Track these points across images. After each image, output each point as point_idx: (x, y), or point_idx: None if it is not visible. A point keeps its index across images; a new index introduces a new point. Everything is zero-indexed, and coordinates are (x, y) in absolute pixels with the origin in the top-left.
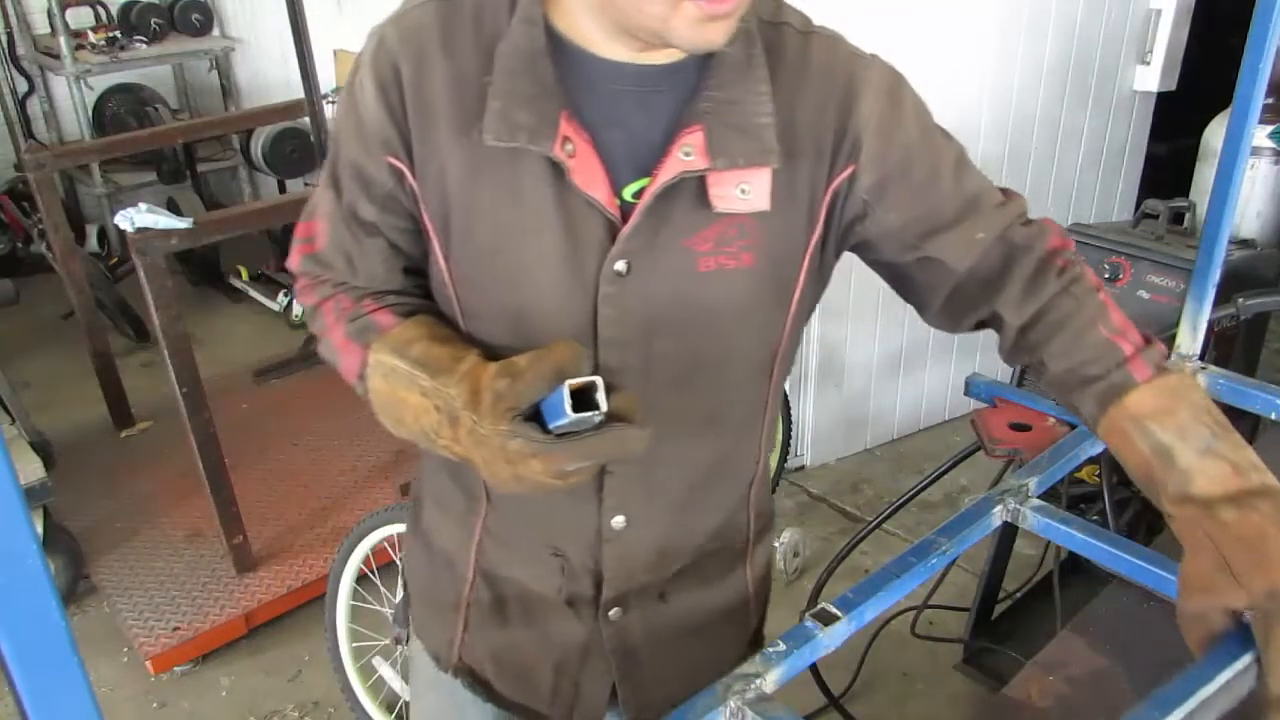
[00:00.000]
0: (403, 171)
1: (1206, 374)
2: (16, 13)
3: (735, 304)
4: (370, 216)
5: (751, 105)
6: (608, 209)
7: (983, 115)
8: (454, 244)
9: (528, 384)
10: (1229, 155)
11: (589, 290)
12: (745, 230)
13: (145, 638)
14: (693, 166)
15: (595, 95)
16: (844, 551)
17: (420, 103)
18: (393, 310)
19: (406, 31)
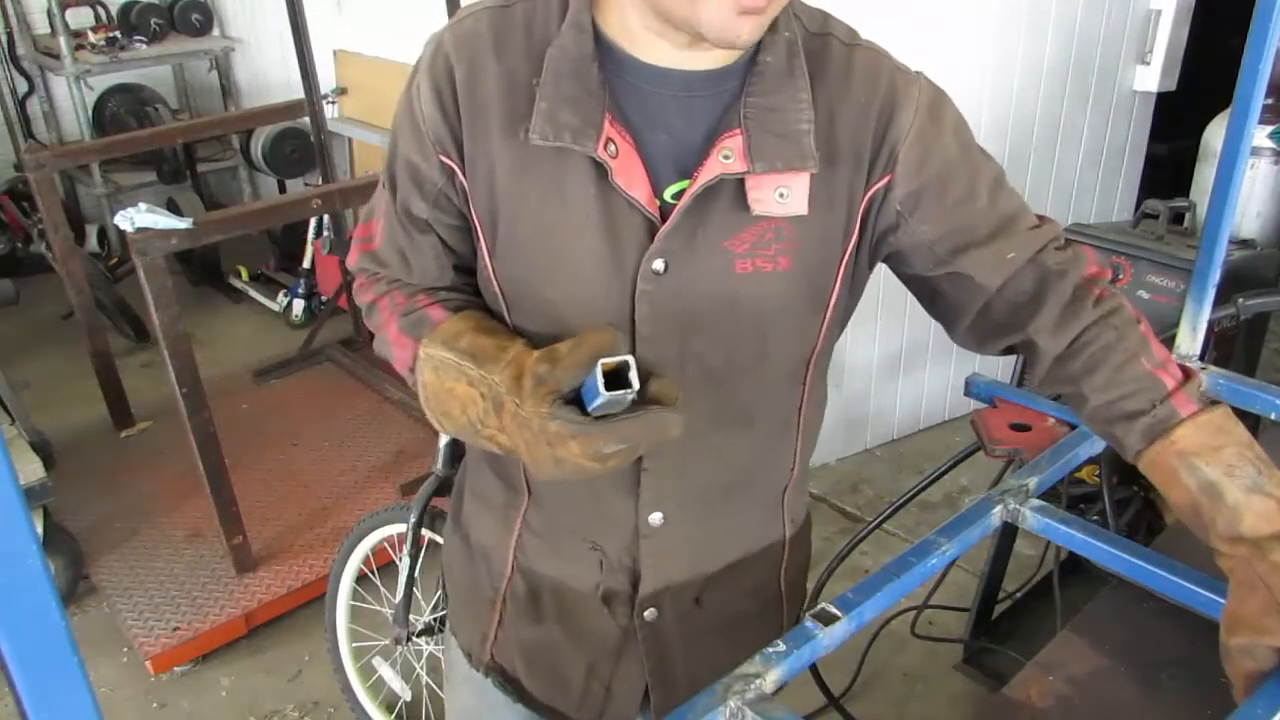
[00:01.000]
0: (454, 169)
1: (1206, 374)
2: (16, 13)
3: (770, 306)
4: (423, 213)
5: (792, 112)
6: (647, 209)
7: (983, 115)
8: (500, 240)
9: (566, 368)
10: (1229, 155)
11: (627, 287)
12: (782, 234)
13: (145, 638)
14: (731, 169)
15: (639, 98)
16: (844, 551)
17: (472, 104)
18: (444, 305)
19: (461, 37)
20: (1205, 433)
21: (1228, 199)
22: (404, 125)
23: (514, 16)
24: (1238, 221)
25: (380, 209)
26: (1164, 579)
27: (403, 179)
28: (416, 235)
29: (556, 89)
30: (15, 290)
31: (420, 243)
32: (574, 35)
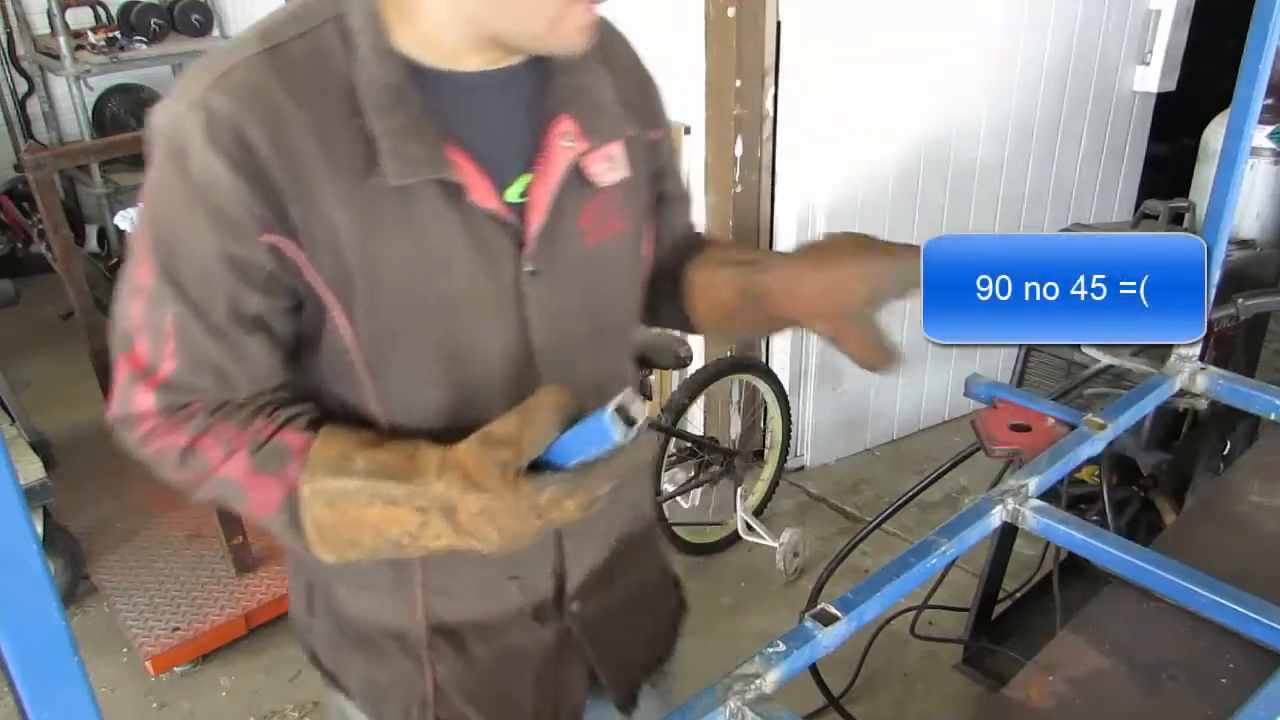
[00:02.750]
0: (279, 247)
1: (1206, 374)
2: (16, 13)
3: (621, 270)
4: (257, 308)
5: (597, 87)
6: (504, 216)
7: (982, 116)
8: (359, 301)
9: (531, 443)
10: (1229, 155)
11: (511, 301)
12: (614, 199)
13: (145, 638)
14: (578, 150)
15: (458, 110)
16: (844, 552)
17: (287, 164)
18: (294, 427)
19: (242, 92)
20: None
21: (1227, 199)
22: (194, 219)
23: (293, 57)
24: (1237, 221)
25: (158, 329)
26: (1164, 579)
27: (218, 279)
28: (243, 339)
29: (388, 123)
30: (15, 290)
31: (247, 346)
32: (381, 62)
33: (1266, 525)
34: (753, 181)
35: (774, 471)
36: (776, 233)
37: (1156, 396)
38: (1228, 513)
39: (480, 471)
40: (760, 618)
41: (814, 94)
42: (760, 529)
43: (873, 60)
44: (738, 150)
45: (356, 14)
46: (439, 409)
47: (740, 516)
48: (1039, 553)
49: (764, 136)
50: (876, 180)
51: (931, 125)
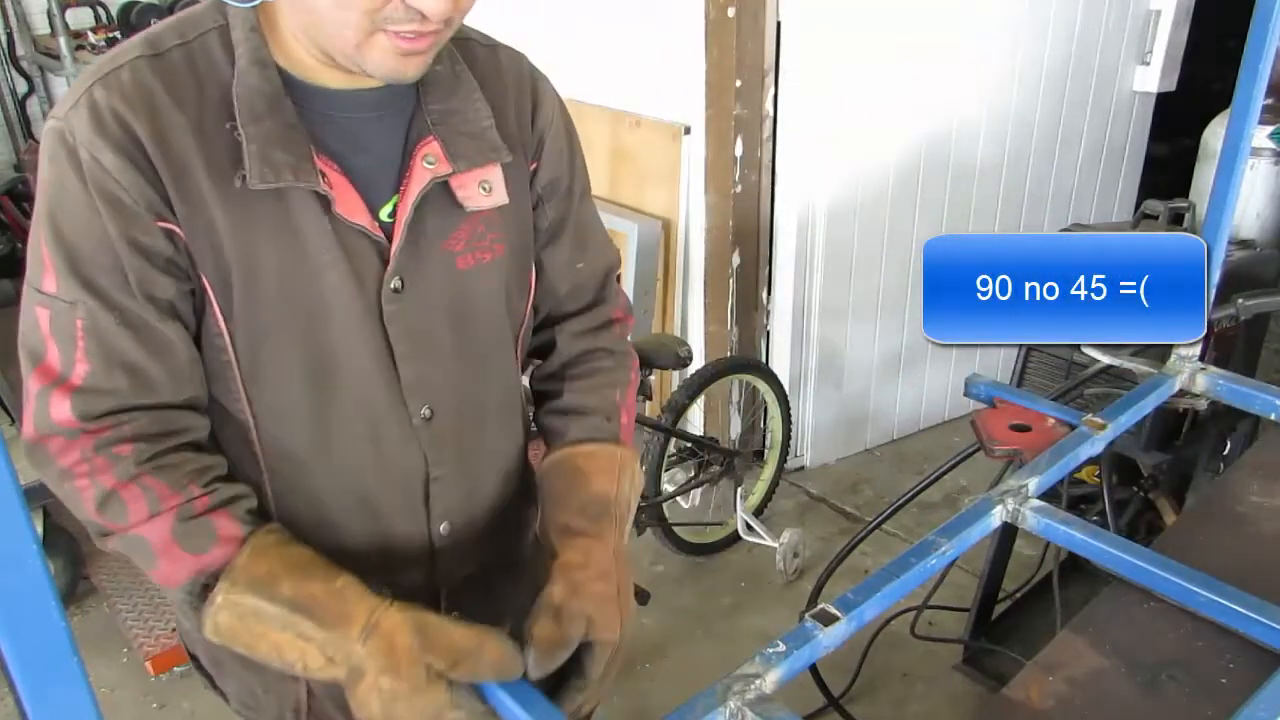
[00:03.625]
0: (175, 232)
1: (1206, 374)
2: (16, 13)
3: (494, 294)
4: (165, 292)
5: (471, 112)
6: (372, 232)
7: (982, 116)
8: (237, 300)
9: (469, 670)
10: (1229, 155)
11: (374, 313)
12: (492, 224)
13: (145, 638)
14: (438, 172)
15: (332, 125)
16: (844, 552)
17: (168, 159)
18: (230, 512)
19: (126, 90)
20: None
21: (1227, 199)
22: (92, 211)
23: (173, 63)
24: (1237, 222)
25: (65, 335)
26: (1164, 579)
27: (125, 265)
28: (160, 328)
29: (259, 130)
30: (15, 290)
31: (164, 334)
32: (258, 72)
33: (1266, 525)
34: (753, 181)
35: (774, 471)
36: (776, 232)
37: (1156, 396)
38: (1228, 513)
39: (407, 661)
40: (760, 618)
41: (814, 94)
42: (760, 529)
43: (873, 60)
44: (738, 150)
45: (238, 26)
46: (305, 414)
47: (740, 516)
48: (1039, 553)
49: (764, 136)
50: (876, 180)
51: (931, 125)
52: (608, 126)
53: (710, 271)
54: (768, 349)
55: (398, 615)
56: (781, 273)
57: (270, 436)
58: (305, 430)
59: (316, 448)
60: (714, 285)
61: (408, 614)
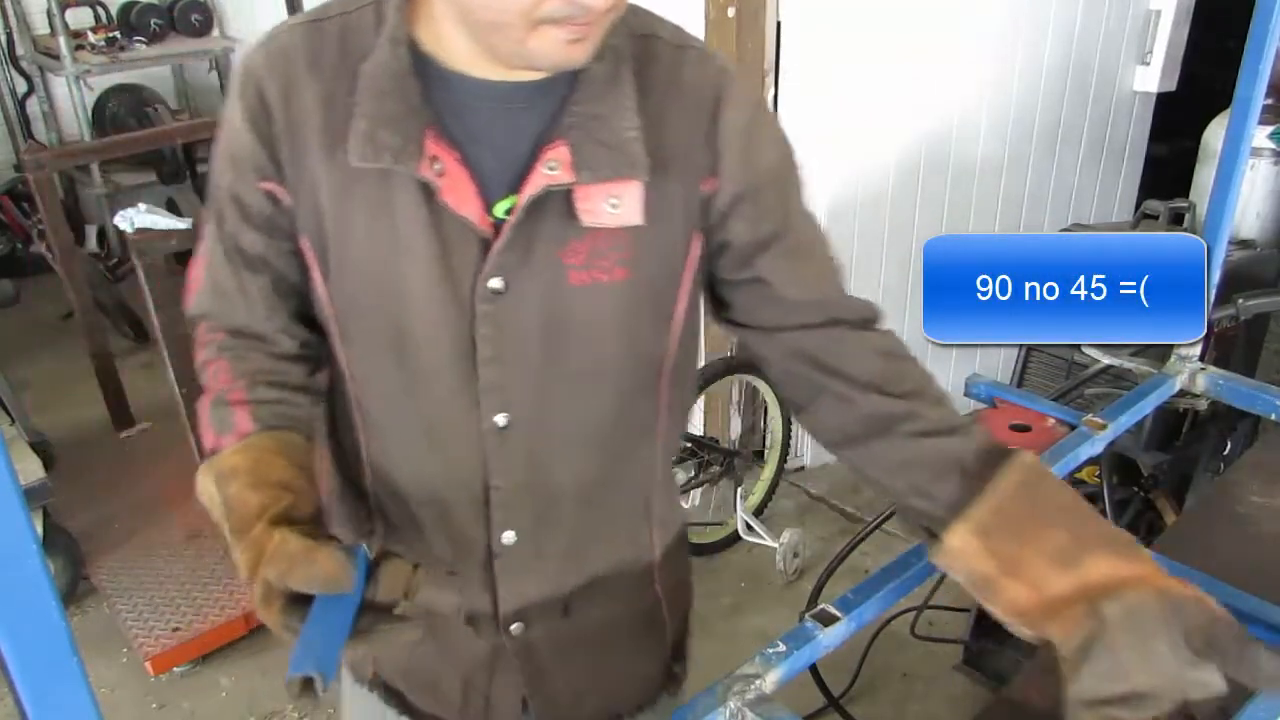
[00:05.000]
0: (278, 195)
1: (1206, 374)
2: (16, 13)
3: (611, 318)
4: (256, 246)
5: (618, 120)
6: (479, 227)
7: (982, 116)
8: (332, 265)
9: (296, 583)
10: (1229, 155)
11: (465, 309)
12: (619, 244)
13: (145, 638)
14: (557, 180)
15: (462, 113)
16: (844, 552)
17: (289, 125)
18: (251, 409)
19: (272, 55)
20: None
21: (1228, 199)
22: (223, 155)
23: (327, 32)
24: (1238, 222)
25: (204, 246)
26: None
27: (229, 213)
28: (246, 274)
29: (375, 107)
30: (15, 290)
31: (248, 283)
32: (391, 50)
33: (1266, 525)
34: None
35: (774, 472)
36: None
37: (1156, 396)
38: (1228, 513)
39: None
40: (760, 618)
41: (814, 94)
42: (760, 529)
43: (873, 60)
44: None
45: (389, 1)
46: (386, 385)
47: (740, 516)
48: None
49: None
50: (876, 180)
51: (931, 125)
52: None
53: None
54: None
55: (275, 536)
56: None
57: (361, 394)
58: (387, 403)
59: (395, 418)
60: None
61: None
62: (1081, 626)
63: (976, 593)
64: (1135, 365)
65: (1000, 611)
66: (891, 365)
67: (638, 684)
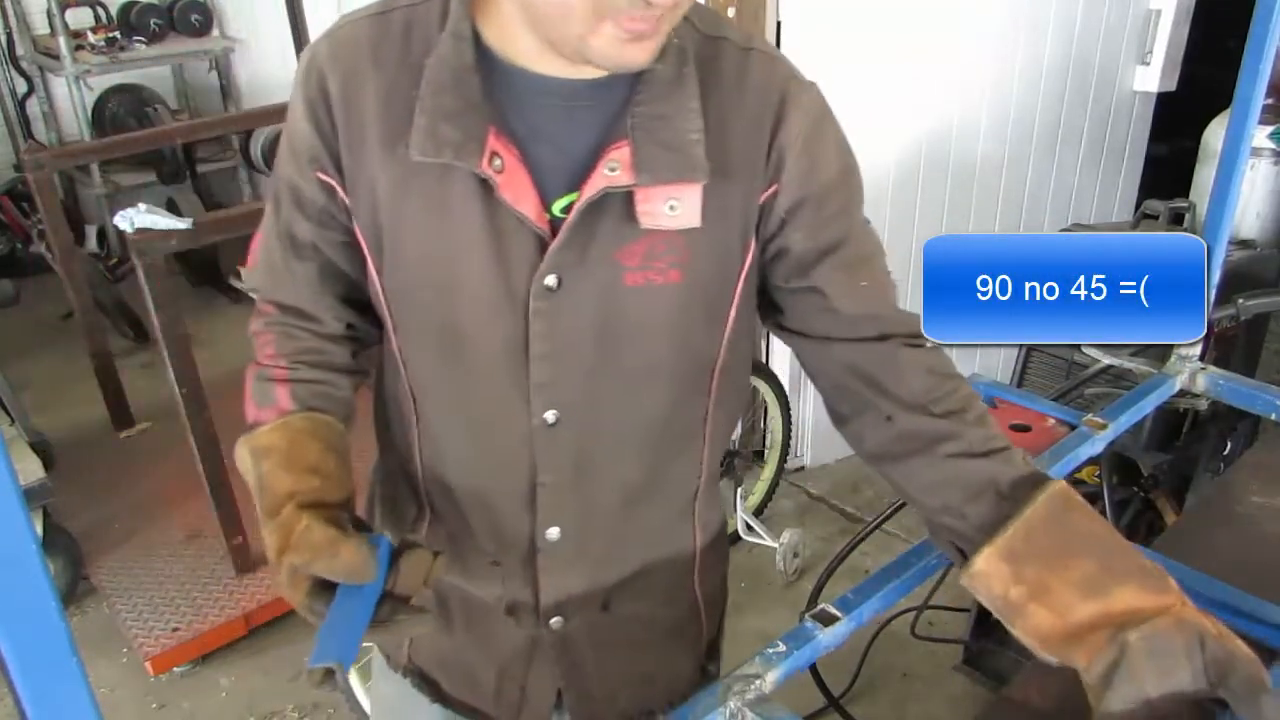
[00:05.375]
0: (333, 187)
1: (1206, 374)
2: (16, 13)
3: (663, 320)
4: (307, 235)
5: (680, 121)
6: (536, 224)
7: (982, 116)
8: (386, 258)
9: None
10: (1229, 155)
11: (519, 305)
12: (675, 246)
13: (145, 638)
14: (617, 182)
15: (524, 110)
16: (844, 552)
17: (350, 117)
18: (292, 388)
19: (336, 47)
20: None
21: (1228, 199)
22: (284, 144)
23: (392, 24)
24: (1238, 222)
25: (263, 225)
26: None
27: (285, 201)
28: (295, 262)
29: (436, 102)
30: (15, 290)
31: (297, 269)
32: (454, 44)
33: (1266, 525)
34: None
35: (774, 472)
36: None
37: (1156, 396)
38: (1228, 513)
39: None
40: (760, 618)
41: None
42: (760, 529)
43: (873, 60)
44: None
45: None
46: (438, 377)
47: (740, 517)
48: None
49: None
50: (876, 180)
51: (931, 125)
52: None
53: None
54: (767, 349)
55: (299, 515)
56: None
57: (414, 383)
58: (438, 394)
59: (445, 410)
60: None
61: (306, 519)
62: (1105, 654)
63: (1000, 615)
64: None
65: (1023, 635)
66: (939, 384)
67: (671, 682)
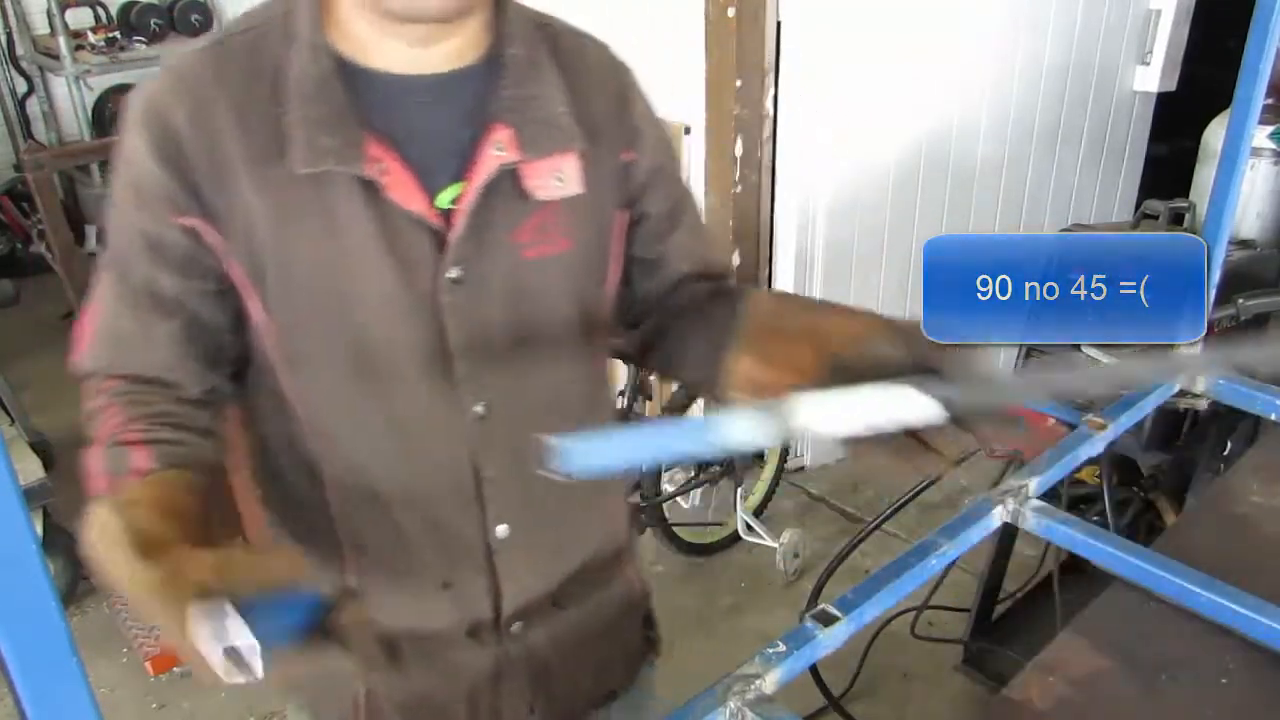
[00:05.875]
0: (197, 229)
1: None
2: (16, 13)
3: (563, 288)
4: (172, 288)
5: (548, 99)
6: (429, 219)
7: (982, 116)
8: (272, 291)
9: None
10: (1229, 155)
11: (427, 304)
12: (563, 216)
13: (145, 638)
14: (507, 159)
15: (389, 111)
16: (844, 552)
17: (207, 148)
18: (152, 450)
19: (174, 81)
20: None
21: (1228, 199)
22: (125, 196)
23: (231, 49)
24: (1238, 222)
25: (97, 294)
26: (1164, 579)
27: (139, 259)
28: (157, 323)
29: (307, 112)
30: (15, 290)
31: (156, 329)
32: (310, 55)
33: (1266, 525)
34: (753, 182)
35: (774, 472)
36: (776, 233)
37: (1156, 396)
38: (1228, 513)
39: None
40: (760, 618)
41: (814, 94)
42: (760, 529)
43: (873, 60)
44: (738, 150)
45: (301, 10)
46: (349, 406)
47: (740, 517)
48: (1039, 553)
49: (764, 136)
50: (876, 180)
51: (931, 125)
52: None
53: None
54: None
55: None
56: (781, 273)
57: (319, 431)
58: (350, 425)
59: (363, 443)
60: None
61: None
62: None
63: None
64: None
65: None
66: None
67: (624, 658)
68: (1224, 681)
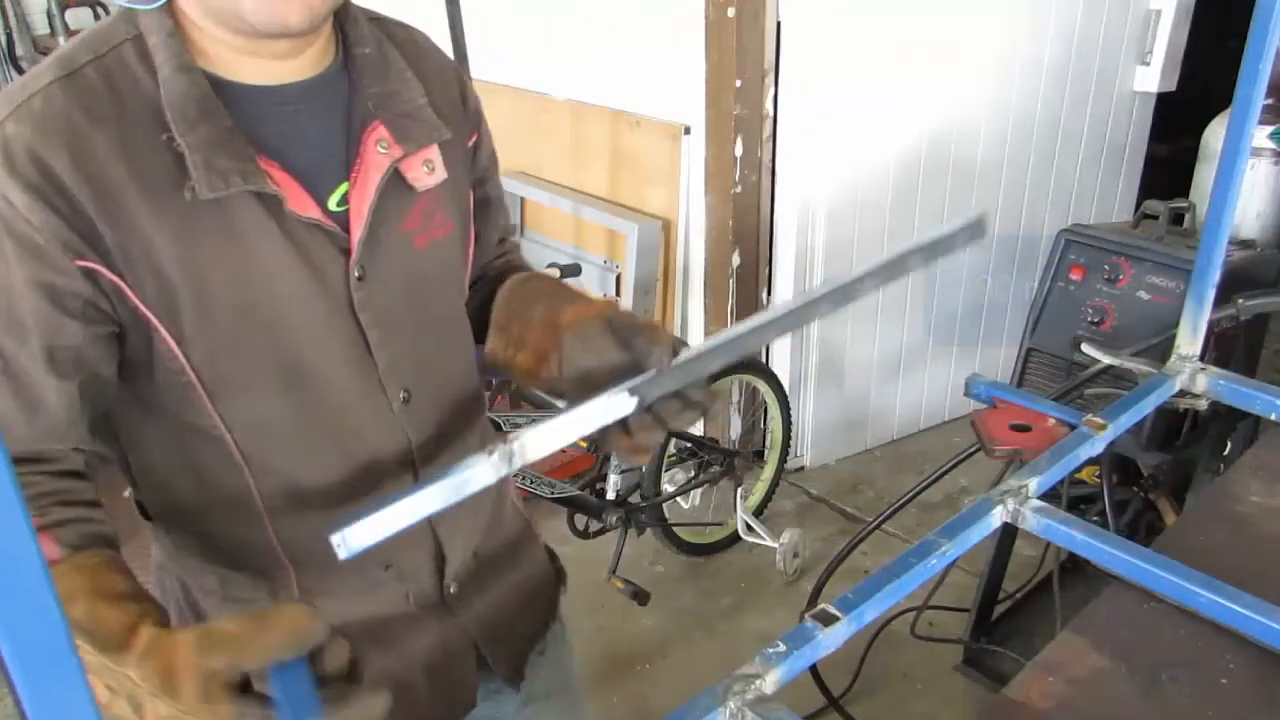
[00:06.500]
0: (96, 270)
1: (1206, 374)
2: (16, 13)
3: (450, 270)
4: (74, 338)
5: (407, 93)
6: (326, 224)
7: (982, 116)
8: (188, 320)
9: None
10: (1229, 155)
11: (344, 304)
12: (440, 202)
13: None
14: (393, 156)
15: (267, 122)
16: (844, 552)
17: (93, 186)
18: (56, 533)
19: (39, 120)
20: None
21: (1228, 199)
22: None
23: (89, 81)
24: (1238, 222)
25: None
26: (1164, 579)
27: (33, 313)
28: (52, 385)
29: (197, 137)
30: None
31: (50, 397)
32: (185, 78)
33: (1266, 525)
34: (753, 181)
35: (774, 472)
36: (776, 232)
37: (1156, 397)
38: (1228, 513)
39: (182, 674)
40: (760, 618)
41: (814, 94)
42: (760, 529)
43: (873, 60)
44: (738, 150)
45: (154, 33)
46: (282, 420)
47: (740, 517)
48: (1039, 553)
49: (764, 136)
50: (876, 180)
51: (931, 125)
52: (608, 126)
53: (710, 272)
54: (767, 349)
55: (181, 634)
56: (782, 273)
57: (250, 449)
58: (285, 436)
59: (300, 451)
60: (714, 286)
61: (194, 630)
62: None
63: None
64: (1135, 365)
65: (533, 385)
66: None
67: (546, 592)
68: (1224, 681)
